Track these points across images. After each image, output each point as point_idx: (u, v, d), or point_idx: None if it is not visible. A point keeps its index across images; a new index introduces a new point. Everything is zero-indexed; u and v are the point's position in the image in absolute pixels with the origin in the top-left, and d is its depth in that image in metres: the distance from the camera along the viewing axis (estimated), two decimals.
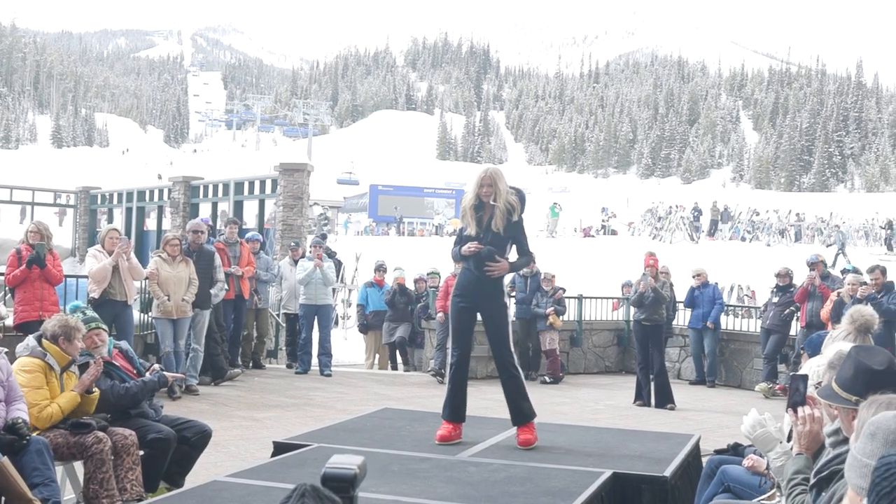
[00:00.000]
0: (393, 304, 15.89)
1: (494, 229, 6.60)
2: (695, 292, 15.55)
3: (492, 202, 6.60)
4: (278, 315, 16.13)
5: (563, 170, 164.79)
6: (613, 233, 53.09)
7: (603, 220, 56.29)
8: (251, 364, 14.48)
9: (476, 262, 6.64)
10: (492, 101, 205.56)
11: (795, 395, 3.84)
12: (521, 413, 6.72)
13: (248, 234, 14.86)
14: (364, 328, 16.77)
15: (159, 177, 69.66)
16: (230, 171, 78.56)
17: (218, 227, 17.54)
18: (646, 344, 12.73)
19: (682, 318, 16.30)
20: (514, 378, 6.75)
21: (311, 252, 14.52)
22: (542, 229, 54.29)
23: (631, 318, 14.31)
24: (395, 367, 16.26)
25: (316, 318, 14.33)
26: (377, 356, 16.72)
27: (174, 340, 11.35)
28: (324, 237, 17.50)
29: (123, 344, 6.86)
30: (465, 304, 6.76)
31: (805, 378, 3.91)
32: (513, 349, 6.85)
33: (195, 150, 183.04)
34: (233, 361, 13.42)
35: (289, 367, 15.12)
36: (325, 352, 14.29)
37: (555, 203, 50.50)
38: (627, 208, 74.91)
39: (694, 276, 15.77)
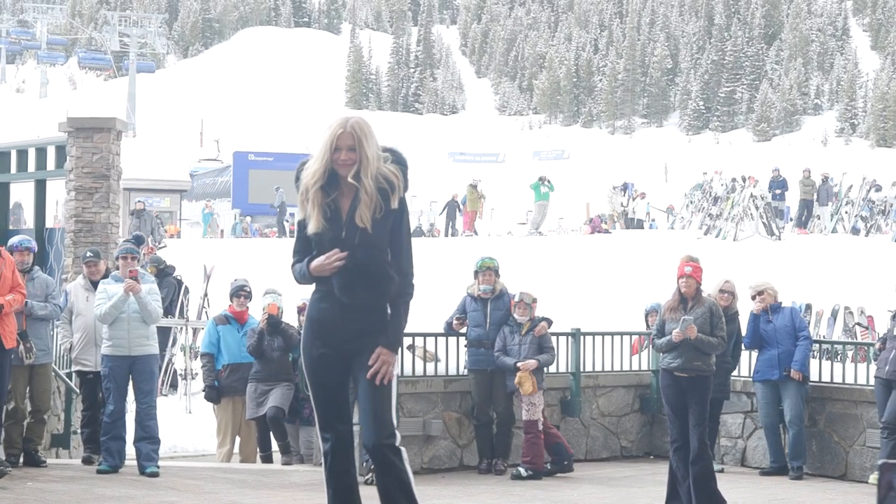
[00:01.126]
0: (261, 353, 15.87)
1: (360, 223, 6.52)
2: (759, 322, 15.68)
3: (352, 179, 6.52)
4: (68, 375, 15.95)
5: (557, 121, 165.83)
6: (639, 225, 53.36)
7: (623, 205, 56.53)
8: (21, 458, 14.34)
9: (342, 281, 6.58)
10: (437, 9, 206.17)
11: (890, 498, 3.80)
12: None
13: (14, 240, 14.78)
14: (215, 394, 16.71)
15: None
16: None
17: None
18: (682, 408, 12.77)
19: (747, 364, 16.39)
20: (397, 471, 6.71)
21: (118, 267, 14.41)
22: (524, 222, 54.42)
23: (659, 366, 14.35)
24: (266, 458, 16.29)
25: (131, 377, 14.22)
26: (237, 440, 16.72)
27: None
28: (139, 241, 17.44)
29: None
30: (328, 350, 6.72)
31: None
32: (396, 425, 6.79)
33: None
34: None
35: (87, 461, 15.02)
36: (148, 435, 14.19)
37: (542, 178, 50.04)
38: (665, 182, 75.47)
39: (754, 296, 15.86)
